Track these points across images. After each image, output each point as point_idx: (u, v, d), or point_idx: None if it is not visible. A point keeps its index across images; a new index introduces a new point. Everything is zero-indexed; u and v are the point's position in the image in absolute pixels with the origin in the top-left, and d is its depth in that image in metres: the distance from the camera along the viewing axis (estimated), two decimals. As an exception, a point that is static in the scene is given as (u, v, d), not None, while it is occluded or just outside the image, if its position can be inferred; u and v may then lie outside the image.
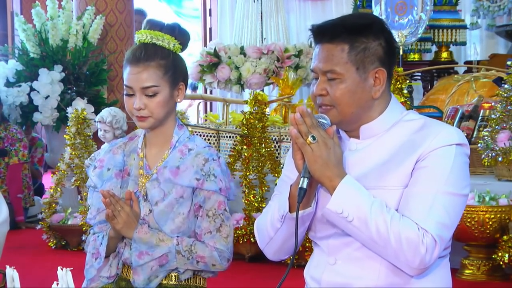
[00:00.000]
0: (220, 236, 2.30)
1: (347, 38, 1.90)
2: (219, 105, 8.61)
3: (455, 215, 1.87)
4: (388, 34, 1.95)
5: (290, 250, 2.03)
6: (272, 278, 4.48)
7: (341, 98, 1.91)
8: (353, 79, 1.90)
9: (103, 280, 2.38)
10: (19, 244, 5.64)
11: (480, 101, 5.02)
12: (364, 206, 1.82)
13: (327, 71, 1.91)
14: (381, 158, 1.92)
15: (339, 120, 1.93)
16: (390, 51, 1.95)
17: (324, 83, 1.92)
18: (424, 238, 1.79)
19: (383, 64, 1.93)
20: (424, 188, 1.84)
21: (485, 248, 4.25)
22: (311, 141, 1.84)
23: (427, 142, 1.88)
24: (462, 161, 1.89)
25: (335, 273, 1.95)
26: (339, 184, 1.83)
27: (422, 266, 1.82)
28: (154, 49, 2.30)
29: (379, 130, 1.96)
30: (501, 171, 4.48)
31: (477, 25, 7.65)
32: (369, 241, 1.84)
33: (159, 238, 2.27)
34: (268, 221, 2.01)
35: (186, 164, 2.29)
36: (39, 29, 6.90)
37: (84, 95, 6.83)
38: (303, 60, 6.61)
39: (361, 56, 1.91)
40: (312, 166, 1.84)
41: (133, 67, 2.28)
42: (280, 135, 5.37)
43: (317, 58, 1.94)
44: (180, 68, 2.35)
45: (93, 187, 2.42)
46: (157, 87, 2.27)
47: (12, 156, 6.49)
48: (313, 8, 9.76)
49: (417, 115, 1.99)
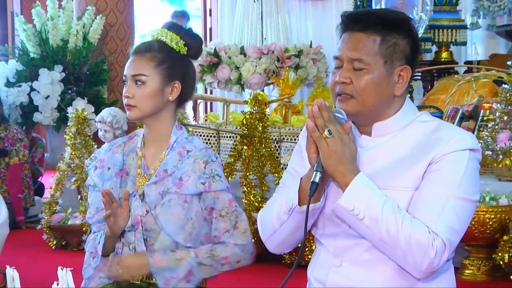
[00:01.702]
0: (239, 232, 2.30)
1: (381, 30, 1.90)
2: (219, 105, 8.62)
3: (464, 220, 1.85)
4: (416, 35, 1.96)
5: (292, 244, 2.02)
6: (273, 278, 4.48)
7: (364, 89, 1.89)
8: (380, 72, 1.90)
9: (103, 281, 2.37)
10: (19, 244, 5.64)
11: (480, 101, 5.02)
12: (376, 205, 1.80)
13: (356, 59, 1.89)
14: (393, 158, 1.91)
15: (357, 112, 1.92)
16: (416, 51, 1.96)
17: (350, 71, 1.90)
18: (434, 242, 1.78)
19: (409, 63, 1.94)
20: (436, 191, 1.83)
21: (485, 248, 4.25)
22: (327, 135, 1.82)
23: (441, 145, 1.86)
24: (474, 167, 1.88)
25: (341, 275, 1.94)
26: (352, 180, 1.82)
27: (430, 269, 1.80)
28: (155, 42, 2.34)
29: (392, 129, 1.95)
30: (501, 171, 4.47)
31: (477, 25, 7.64)
32: (378, 241, 1.83)
33: (176, 258, 2.26)
34: (274, 213, 1.99)
35: (187, 171, 2.28)
36: (39, 29, 6.91)
37: (85, 95, 6.84)
38: (303, 60, 6.61)
39: (390, 51, 1.90)
40: (326, 160, 1.83)
41: (131, 57, 2.34)
42: (280, 135, 5.37)
43: (345, 45, 1.92)
44: (179, 66, 2.35)
45: (92, 186, 2.42)
46: (146, 76, 2.29)
47: (13, 156, 6.49)
48: (313, 8, 9.75)
49: (430, 117, 1.98)
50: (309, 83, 6.90)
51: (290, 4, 9.54)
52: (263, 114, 5.01)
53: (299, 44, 6.77)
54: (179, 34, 2.36)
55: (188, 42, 2.37)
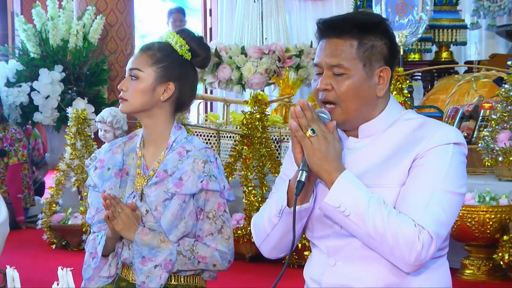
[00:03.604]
0: (222, 237, 2.31)
1: (357, 34, 1.92)
2: (219, 105, 8.61)
3: (451, 213, 1.87)
4: (392, 35, 1.98)
5: (286, 247, 2.03)
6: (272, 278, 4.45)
7: (346, 94, 1.91)
8: (360, 76, 1.91)
9: (103, 280, 2.38)
10: (19, 244, 5.64)
11: (481, 101, 5.02)
12: (361, 201, 1.82)
13: (335, 65, 1.91)
14: (379, 157, 1.92)
15: (344, 119, 1.93)
16: (393, 51, 1.98)
17: (330, 78, 1.92)
18: (420, 235, 1.79)
19: (388, 63, 1.95)
20: (421, 185, 1.85)
21: (486, 248, 4.25)
22: (311, 135, 1.84)
23: (425, 140, 1.88)
24: (459, 160, 1.90)
25: (336, 274, 1.95)
26: (337, 178, 1.83)
27: (418, 262, 1.81)
28: (159, 43, 2.37)
29: (378, 129, 1.96)
30: (501, 171, 4.47)
31: (477, 25, 7.64)
32: (365, 236, 1.84)
33: (160, 239, 2.28)
34: (266, 217, 2.00)
35: (187, 172, 2.29)
36: (39, 29, 6.91)
37: (85, 95, 6.84)
38: (304, 60, 6.61)
39: (368, 54, 1.92)
40: (310, 159, 1.84)
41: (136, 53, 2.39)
42: (280, 135, 5.37)
43: (323, 52, 1.94)
44: (177, 69, 2.35)
45: (92, 186, 2.42)
46: (140, 71, 2.31)
47: (12, 156, 6.49)
48: (313, 8, 9.76)
49: (415, 115, 2.00)
50: (309, 83, 6.89)
51: (290, 4, 9.54)
52: (263, 114, 5.01)
53: (300, 44, 6.76)
54: (186, 39, 2.37)
55: (194, 49, 2.38)
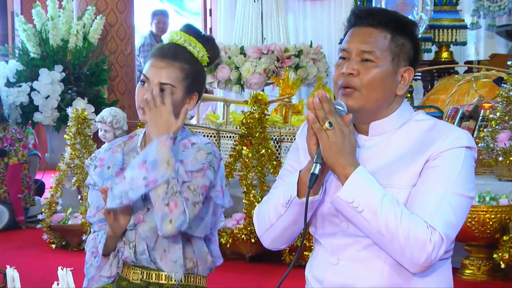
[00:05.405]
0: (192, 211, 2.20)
1: (392, 28, 1.95)
2: (219, 105, 8.62)
3: (461, 215, 1.87)
4: (419, 40, 2.02)
5: (288, 239, 2.03)
6: (272, 278, 4.48)
7: (371, 81, 1.92)
8: (387, 68, 1.93)
9: (104, 280, 2.37)
10: (19, 244, 5.64)
11: (481, 101, 5.02)
12: (375, 198, 1.81)
13: (367, 51, 1.92)
14: (390, 157, 1.92)
15: (360, 107, 1.93)
16: (418, 56, 2.01)
17: (358, 63, 1.93)
18: (432, 236, 1.80)
19: (412, 65, 1.99)
20: (433, 187, 1.85)
21: (486, 248, 4.25)
22: (328, 127, 1.83)
23: (437, 142, 1.89)
24: (470, 164, 1.91)
25: (338, 273, 1.94)
26: (352, 173, 1.83)
27: (427, 263, 1.82)
28: (183, 52, 2.31)
29: (389, 128, 1.97)
30: (501, 171, 4.48)
31: (477, 25, 7.65)
32: (376, 234, 1.83)
33: (169, 161, 2.17)
34: (272, 207, 1.99)
35: (188, 157, 2.26)
36: (39, 29, 6.91)
37: (85, 95, 6.84)
38: (303, 60, 6.61)
39: (398, 50, 1.95)
40: (326, 152, 1.84)
41: (157, 60, 2.28)
42: (280, 135, 5.37)
43: (355, 38, 1.95)
44: (199, 79, 2.34)
45: (92, 185, 2.41)
46: (173, 87, 2.26)
47: (12, 156, 6.49)
48: (313, 8, 9.76)
49: (426, 116, 2.00)
50: (309, 83, 6.89)
51: (290, 4, 9.55)
52: (263, 114, 5.01)
53: (299, 44, 6.76)
54: (206, 46, 2.34)
55: (210, 54, 2.36)
